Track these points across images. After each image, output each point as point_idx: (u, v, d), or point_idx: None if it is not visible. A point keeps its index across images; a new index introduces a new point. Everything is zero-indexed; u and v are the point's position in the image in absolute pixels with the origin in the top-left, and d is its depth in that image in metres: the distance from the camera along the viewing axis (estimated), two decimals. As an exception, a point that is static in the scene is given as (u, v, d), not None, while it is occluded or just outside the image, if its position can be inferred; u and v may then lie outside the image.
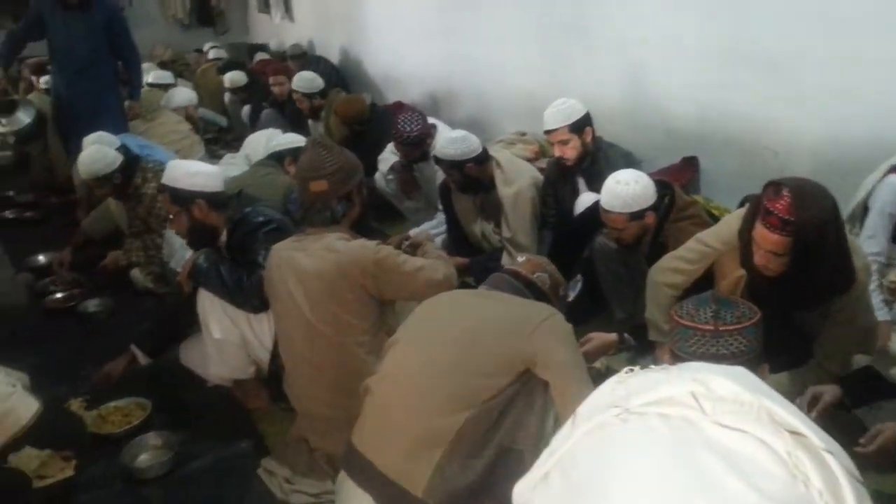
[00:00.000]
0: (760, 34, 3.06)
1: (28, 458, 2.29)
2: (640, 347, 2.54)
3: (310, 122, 5.35)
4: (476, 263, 3.44)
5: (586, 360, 2.01)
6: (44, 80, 6.36)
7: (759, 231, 2.01)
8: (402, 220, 4.36)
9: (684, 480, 0.68)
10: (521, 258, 2.19)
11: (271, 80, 5.77)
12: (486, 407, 1.67)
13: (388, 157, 4.26)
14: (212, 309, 2.61)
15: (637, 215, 2.61)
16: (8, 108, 4.87)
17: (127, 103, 5.13)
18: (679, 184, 2.98)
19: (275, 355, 2.59)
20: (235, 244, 2.70)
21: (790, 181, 1.99)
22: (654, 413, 0.75)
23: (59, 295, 3.88)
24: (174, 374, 2.89)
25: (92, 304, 3.73)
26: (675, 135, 3.56)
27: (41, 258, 4.33)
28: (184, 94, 5.75)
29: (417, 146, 3.88)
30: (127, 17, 5.20)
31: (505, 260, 3.27)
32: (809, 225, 1.93)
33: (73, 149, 4.65)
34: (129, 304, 3.74)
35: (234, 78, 6.46)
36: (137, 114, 5.19)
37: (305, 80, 5.25)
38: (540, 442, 1.64)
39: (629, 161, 3.11)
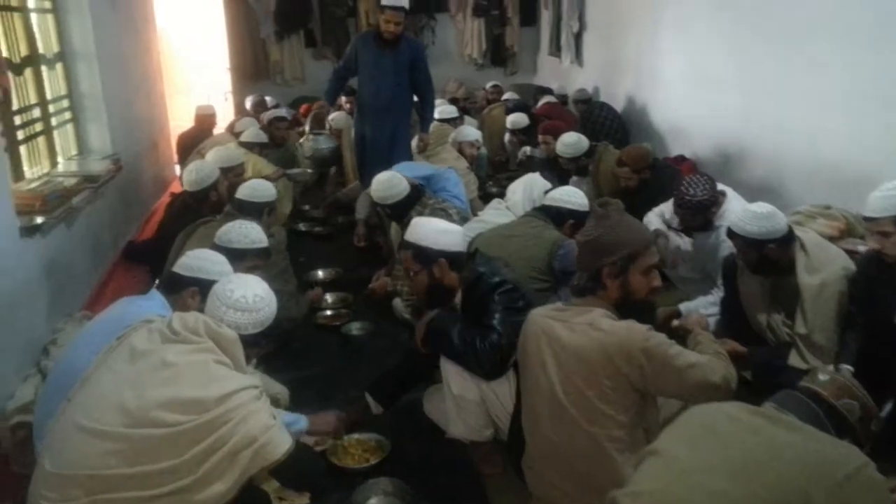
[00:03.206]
0: None
1: (271, 481, 2.39)
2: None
3: (574, 178, 5.13)
4: (757, 355, 2.98)
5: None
6: (331, 118, 6.72)
7: None
8: (671, 287, 3.98)
9: None
10: (822, 376, 1.77)
11: (539, 137, 5.70)
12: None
13: (653, 219, 3.94)
14: (452, 365, 2.55)
15: None
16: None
17: (416, 137, 5.41)
18: None
19: (515, 419, 2.43)
20: (472, 305, 2.61)
21: None
22: None
23: (328, 312, 4.13)
24: (417, 418, 2.88)
25: (355, 327, 3.92)
26: None
27: (320, 273, 4.68)
28: (470, 132, 5.93)
29: (700, 213, 3.51)
30: (428, 55, 5.48)
31: (793, 360, 2.79)
32: None
33: (366, 178, 4.98)
34: (389, 330, 3.87)
35: (515, 120, 6.55)
36: (427, 145, 5.41)
37: (569, 146, 5.02)
38: None
39: (977, 267, 2.48)
